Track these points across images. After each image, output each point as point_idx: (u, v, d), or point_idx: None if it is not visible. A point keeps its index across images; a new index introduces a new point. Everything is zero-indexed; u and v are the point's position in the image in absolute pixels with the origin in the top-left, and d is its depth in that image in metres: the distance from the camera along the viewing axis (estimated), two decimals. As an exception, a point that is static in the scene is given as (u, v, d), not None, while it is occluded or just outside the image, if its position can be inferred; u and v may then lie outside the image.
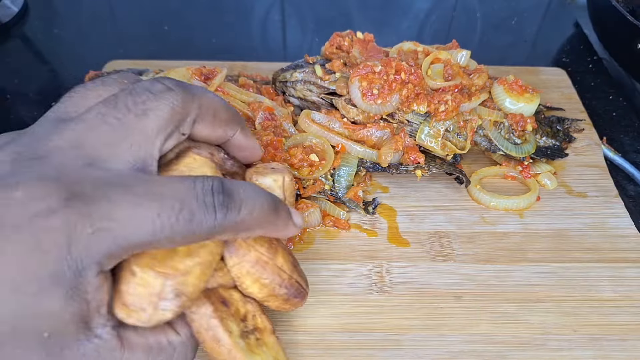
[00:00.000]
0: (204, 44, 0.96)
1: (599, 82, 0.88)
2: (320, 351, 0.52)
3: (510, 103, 0.68)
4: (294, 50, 0.96)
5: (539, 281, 0.58)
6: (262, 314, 0.51)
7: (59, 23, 1.01)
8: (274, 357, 0.48)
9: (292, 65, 0.73)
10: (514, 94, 0.68)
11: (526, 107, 0.68)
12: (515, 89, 0.68)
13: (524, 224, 0.64)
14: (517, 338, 0.54)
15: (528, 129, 0.69)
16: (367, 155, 0.66)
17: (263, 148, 0.62)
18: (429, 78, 0.67)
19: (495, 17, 1.05)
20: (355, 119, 0.67)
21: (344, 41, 0.72)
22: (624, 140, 0.78)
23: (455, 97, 0.66)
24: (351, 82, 0.66)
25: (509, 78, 0.69)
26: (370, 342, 0.53)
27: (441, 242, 0.62)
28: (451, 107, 0.65)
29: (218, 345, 0.46)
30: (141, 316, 0.39)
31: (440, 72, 0.68)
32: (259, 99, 0.68)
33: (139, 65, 0.81)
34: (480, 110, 0.68)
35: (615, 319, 0.55)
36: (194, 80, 0.68)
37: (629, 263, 0.60)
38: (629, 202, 0.68)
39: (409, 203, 0.67)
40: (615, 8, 0.79)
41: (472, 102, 0.67)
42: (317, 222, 0.63)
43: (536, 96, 0.69)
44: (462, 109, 0.66)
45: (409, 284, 0.58)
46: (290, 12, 1.05)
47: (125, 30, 1.00)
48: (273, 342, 0.50)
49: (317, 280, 0.58)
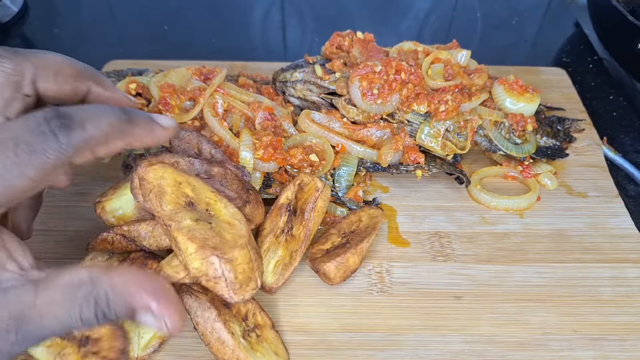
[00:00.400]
0: (204, 44, 0.96)
1: (600, 82, 0.88)
2: (320, 351, 0.52)
3: (511, 103, 0.68)
4: (294, 50, 0.96)
5: (539, 281, 0.58)
6: (262, 310, 0.53)
7: (58, 23, 1.01)
8: (274, 352, 0.50)
9: (292, 65, 0.73)
10: (515, 94, 0.68)
11: (526, 107, 0.68)
12: (515, 88, 0.68)
13: (524, 224, 0.64)
14: (518, 338, 0.53)
15: (528, 129, 0.69)
16: (367, 155, 0.66)
17: (263, 148, 0.62)
18: (429, 78, 0.67)
19: (496, 17, 1.05)
20: (355, 119, 0.67)
21: (344, 41, 0.72)
22: (624, 140, 0.78)
23: (456, 97, 0.66)
24: (351, 82, 0.65)
25: (509, 78, 0.69)
26: (371, 342, 0.53)
27: (441, 242, 0.62)
28: (451, 107, 0.65)
29: (223, 346, 0.48)
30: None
31: (440, 72, 0.68)
32: (259, 99, 0.68)
33: (139, 65, 0.81)
34: (480, 110, 0.68)
35: (616, 319, 0.55)
36: (194, 80, 0.68)
37: (629, 263, 0.60)
38: (629, 202, 0.68)
39: (409, 203, 0.67)
40: (616, 8, 0.79)
41: (473, 102, 0.67)
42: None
43: (536, 96, 0.69)
44: (462, 109, 0.66)
45: (409, 284, 0.58)
46: (290, 12, 1.05)
47: (125, 30, 1.00)
48: (273, 337, 0.51)
49: (317, 280, 0.58)
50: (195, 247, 0.46)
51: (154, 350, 0.51)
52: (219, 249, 0.46)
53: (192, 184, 0.52)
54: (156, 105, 0.66)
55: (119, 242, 0.52)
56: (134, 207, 0.56)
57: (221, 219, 0.50)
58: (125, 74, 0.73)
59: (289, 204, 0.58)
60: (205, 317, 0.48)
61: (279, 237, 0.57)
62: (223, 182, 0.56)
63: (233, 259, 0.46)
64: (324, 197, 0.58)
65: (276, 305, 0.56)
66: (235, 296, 0.47)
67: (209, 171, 0.56)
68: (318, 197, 0.57)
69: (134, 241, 0.52)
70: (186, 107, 0.66)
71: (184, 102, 0.66)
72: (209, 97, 0.65)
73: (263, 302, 0.55)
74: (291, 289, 0.57)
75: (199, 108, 0.65)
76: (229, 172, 0.57)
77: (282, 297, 0.56)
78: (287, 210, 0.58)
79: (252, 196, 0.57)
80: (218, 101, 0.66)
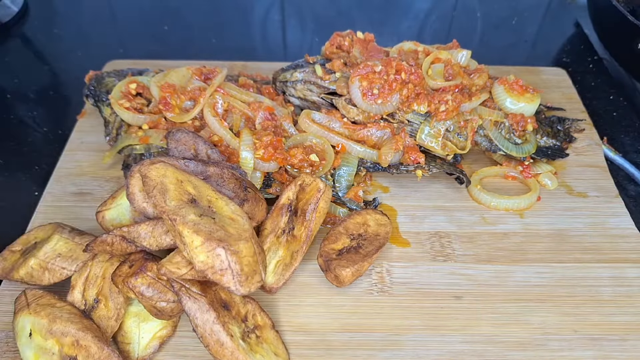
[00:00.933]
0: (204, 43, 0.96)
1: (600, 82, 0.88)
2: (320, 351, 0.52)
3: (511, 103, 0.68)
4: (294, 50, 0.96)
5: (539, 281, 0.58)
6: (262, 311, 0.53)
7: (58, 23, 1.01)
8: (274, 352, 0.50)
9: (292, 65, 0.73)
10: (515, 94, 0.68)
11: (527, 107, 0.68)
12: (515, 88, 0.68)
13: (524, 224, 0.64)
14: (518, 338, 0.53)
15: (529, 129, 0.69)
16: (368, 155, 0.66)
17: (263, 148, 0.62)
18: (430, 78, 0.67)
19: (496, 17, 1.05)
20: (356, 119, 0.67)
21: (344, 41, 0.72)
22: (624, 140, 0.78)
23: (456, 97, 0.66)
24: (351, 81, 0.65)
25: (509, 78, 0.69)
26: (371, 342, 0.53)
27: (441, 242, 0.62)
28: (452, 107, 0.65)
29: (222, 348, 0.48)
30: None
31: (440, 72, 0.68)
32: (259, 99, 0.68)
33: (138, 65, 0.81)
34: (480, 110, 0.68)
35: (616, 319, 0.55)
36: (194, 80, 0.68)
37: (629, 263, 0.60)
38: (629, 202, 0.68)
39: (409, 203, 0.67)
40: (616, 8, 0.79)
41: (473, 102, 0.67)
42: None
43: (537, 96, 0.69)
44: (462, 109, 0.66)
45: (409, 284, 0.58)
46: (290, 12, 1.05)
47: (125, 30, 1.00)
48: (273, 337, 0.52)
49: (317, 280, 0.58)
50: (201, 240, 0.46)
51: (154, 351, 0.52)
52: (224, 241, 0.47)
53: (193, 182, 0.52)
54: (156, 105, 0.66)
55: (119, 244, 0.52)
56: (130, 216, 0.56)
57: (224, 215, 0.51)
58: (125, 73, 0.73)
59: (290, 204, 0.58)
60: (204, 319, 0.48)
61: (280, 237, 0.57)
62: (220, 182, 0.56)
63: (239, 251, 0.47)
64: (325, 198, 0.58)
65: (276, 305, 0.56)
66: (241, 288, 0.47)
67: (205, 172, 0.56)
68: (320, 197, 0.57)
69: (133, 242, 0.52)
70: (186, 107, 0.66)
71: (184, 102, 0.66)
72: (209, 97, 0.66)
73: (263, 302, 0.55)
74: (291, 289, 0.57)
75: (199, 108, 0.65)
76: (226, 171, 0.57)
77: (282, 297, 0.56)
78: (288, 210, 0.58)
79: (251, 194, 0.57)
80: (218, 101, 0.66)
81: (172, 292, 0.50)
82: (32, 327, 0.49)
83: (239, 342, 0.48)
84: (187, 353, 0.52)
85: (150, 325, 0.53)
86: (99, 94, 0.70)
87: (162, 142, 0.64)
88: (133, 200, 0.54)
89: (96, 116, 0.74)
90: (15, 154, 0.74)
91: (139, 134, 0.65)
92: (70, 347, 0.48)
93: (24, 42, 0.96)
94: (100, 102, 0.70)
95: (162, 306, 0.50)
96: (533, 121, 0.69)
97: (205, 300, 0.49)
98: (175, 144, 0.61)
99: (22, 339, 0.49)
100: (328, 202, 0.59)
